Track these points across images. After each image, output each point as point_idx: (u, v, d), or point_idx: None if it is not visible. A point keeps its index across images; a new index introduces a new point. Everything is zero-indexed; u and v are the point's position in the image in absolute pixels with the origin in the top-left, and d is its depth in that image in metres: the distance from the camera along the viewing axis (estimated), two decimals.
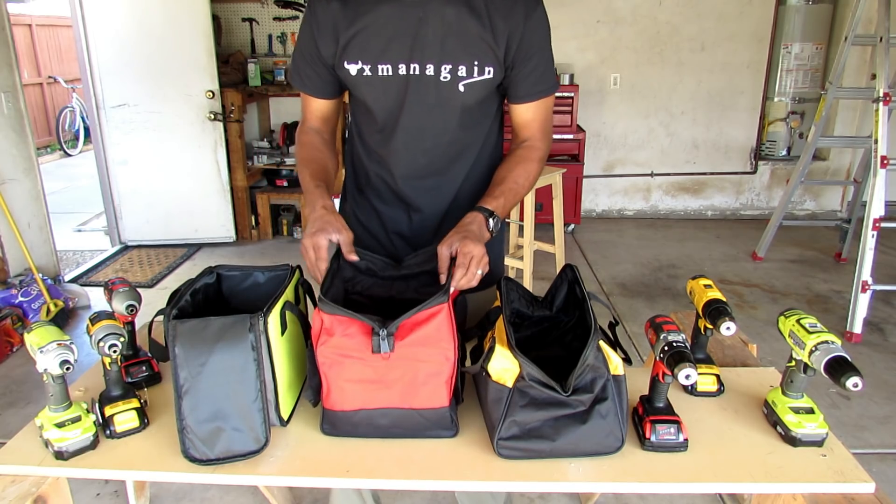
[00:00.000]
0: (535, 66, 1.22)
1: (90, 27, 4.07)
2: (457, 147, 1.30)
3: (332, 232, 1.15)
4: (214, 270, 1.21)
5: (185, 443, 0.99)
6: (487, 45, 1.18)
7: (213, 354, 0.97)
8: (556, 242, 3.53)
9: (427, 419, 1.04)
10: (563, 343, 1.17)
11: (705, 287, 1.23)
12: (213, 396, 0.98)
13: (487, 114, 1.31)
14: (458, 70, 1.19)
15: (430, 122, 1.25)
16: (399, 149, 1.28)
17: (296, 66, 1.31)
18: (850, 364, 0.95)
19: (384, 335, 0.98)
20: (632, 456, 1.02)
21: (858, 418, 2.47)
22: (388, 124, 1.27)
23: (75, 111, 8.49)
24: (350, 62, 1.21)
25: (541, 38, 1.22)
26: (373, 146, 1.33)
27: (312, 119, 1.36)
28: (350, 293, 1.22)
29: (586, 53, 4.89)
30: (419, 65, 1.19)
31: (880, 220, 3.06)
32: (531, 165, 1.29)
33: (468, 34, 1.17)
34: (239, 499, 2.04)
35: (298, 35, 1.29)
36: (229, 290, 1.24)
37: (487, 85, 1.22)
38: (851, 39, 3.58)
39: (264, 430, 1.01)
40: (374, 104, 1.25)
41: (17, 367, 2.91)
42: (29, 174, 3.43)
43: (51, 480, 1.01)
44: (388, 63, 1.19)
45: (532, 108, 1.29)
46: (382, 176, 1.34)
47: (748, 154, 5.12)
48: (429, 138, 1.27)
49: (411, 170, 1.30)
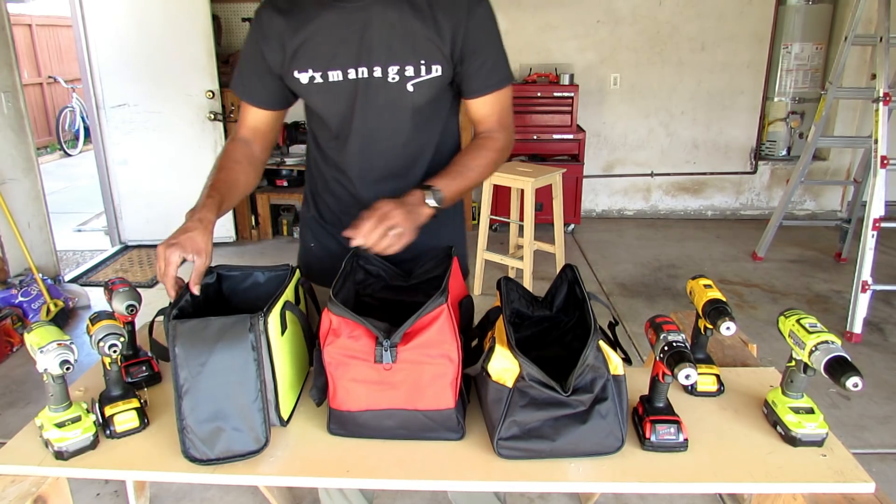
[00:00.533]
0: (483, 60, 1.23)
1: (90, 27, 4.07)
2: (412, 148, 1.30)
3: (190, 251, 1.07)
4: (214, 270, 1.21)
5: (186, 443, 0.99)
6: (433, 43, 1.19)
7: (213, 354, 0.97)
8: (556, 242, 3.53)
9: (433, 421, 1.03)
10: (563, 343, 1.17)
11: (705, 287, 1.23)
12: (213, 396, 0.98)
13: (440, 113, 1.30)
14: (405, 70, 1.20)
15: (383, 125, 1.25)
16: (355, 153, 1.28)
17: (240, 76, 1.30)
18: (850, 364, 0.95)
19: (387, 346, 0.98)
20: (632, 456, 1.02)
21: (858, 418, 2.47)
22: (342, 130, 1.27)
23: (75, 111, 8.49)
24: (300, 71, 1.21)
25: (487, 31, 1.22)
26: (329, 153, 1.33)
27: (246, 129, 1.34)
28: (361, 295, 1.23)
29: (586, 53, 4.89)
30: (367, 68, 1.20)
31: (880, 220, 3.06)
32: (487, 153, 1.27)
33: (413, 34, 1.18)
34: (239, 499, 2.04)
35: (244, 45, 1.28)
36: (230, 289, 1.24)
37: (436, 83, 1.23)
38: (851, 39, 3.58)
39: (264, 430, 1.01)
40: (326, 111, 1.26)
41: (17, 367, 2.91)
42: (29, 174, 3.43)
43: (51, 480, 1.01)
44: (337, 69, 1.20)
45: (488, 103, 1.28)
46: (341, 181, 1.34)
47: (748, 154, 5.12)
48: (382, 140, 1.27)
49: (368, 173, 1.31)
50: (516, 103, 4.87)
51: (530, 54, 4.88)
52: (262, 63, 1.24)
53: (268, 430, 1.01)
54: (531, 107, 4.63)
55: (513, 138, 1.34)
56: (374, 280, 1.24)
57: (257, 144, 1.35)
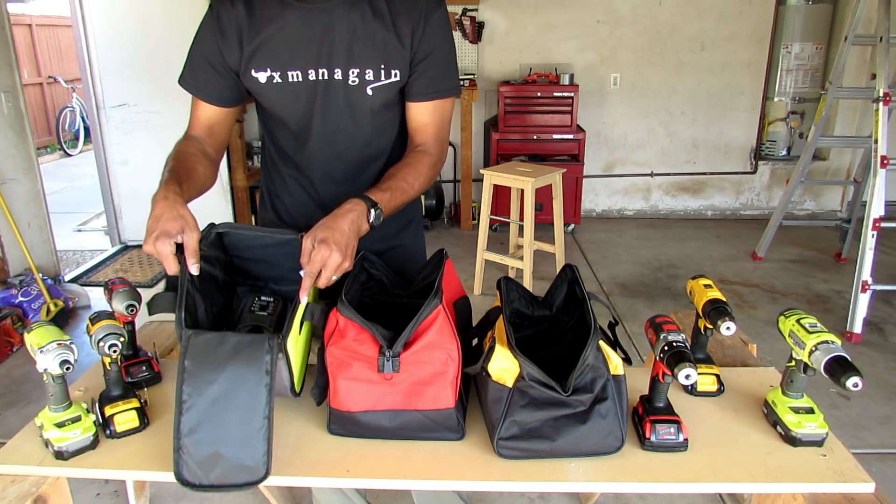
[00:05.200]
0: (430, 65, 1.22)
1: (90, 27, 4.07)
2: (370, 150, 1.30)
3: (176, 232, 1.00)
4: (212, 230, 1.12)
5: (179, 464, 0.94)
6: (393, 47, 1.19)
7: (223, 372, 0.93)
8: (556, 242, 3.53)
9: (433, 421, 1.03)
10: (563, 343, 1.17)
11: (705, 287, 1.23)
12: (216, 417, 0.93)
13: (395, 117, 1.31)
14: (365, 74, 1.20)
15: (342, 126, 1.25)
16: (315, 154, 1.28)
17: (192, 70, 1.25)
18: (850, 364, 0.95)
19: (389, 356, 0.98)
20: (632, 456, 1.02)
21: (858, 418, 2.47)
22: (301, 130, 1.27)
23: (75, 111, 8.49)
24: (258, 70, 1.20)
25: (440, 38, 1.22)
26: (289, 153, 1.32)
27: (198, 127, 1.28)
28: (362, 296, 1.23)
29: (586, 53, 4.89)
30: (327, 70, 1.20)
31: (880, 219, 3.06)
32: (422, 169, 1.25)
33: (374, 38, 1.18)
34: (239, 498, 2.04)
35: (197, 37, 1.24)
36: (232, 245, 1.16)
37: (394, 87, 1.23)
38: (851, 39, 3.58)
39: (265, 461, 0.95)
40: (285, 111, 1.25)
41: (17, 367, 2.91)
42: (29, 174, 3.43)
43: (51, 480, 1.00)
44: (297, 69, 1.19)
45: (429, 110, 1.27)
46: (300, 182, 1.34)
47: (748, 154, 5.12)
48: (342, 142, 1.27)
49: (328, 174, 1.31)
50: (516, 103, 4.89)
51: (530, 54, 4.88)
52: (217, 58, 1.21)
53: (269, 462, 0.96)
54: (531, 107, 4.62)
55: (445, 155, 1.33)
56: (374, 283, 1.24)
57: (210, 144, 1.28)
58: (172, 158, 1.20)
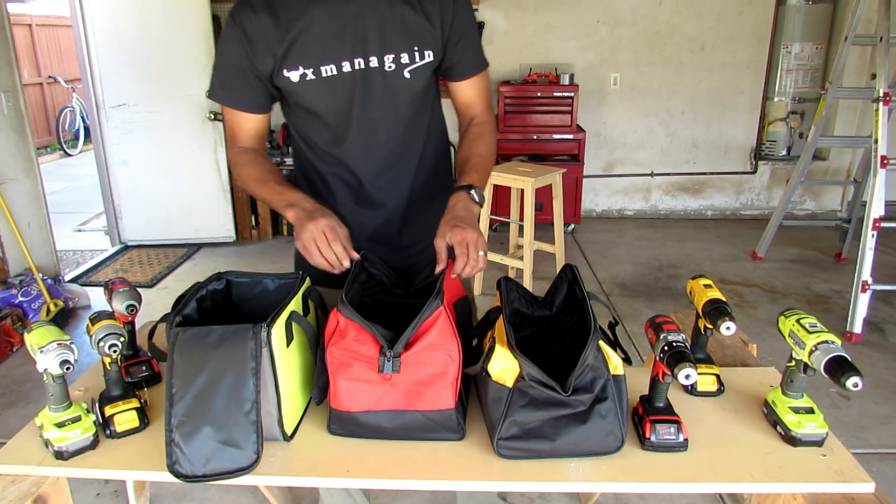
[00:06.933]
0: (468, 43, 1.29)
1: (90, 27, 4.07)
2: (410, 135, 1.32)
3: (336, 224, 1.13)
4: (224, 277, 1.18)
5: (172, 456, 0.94)
6: (424, 29, 1.22)
7: (209, 361, 0.95)
8: (556, 242, 3.53)
9: (433, 421, 1.03)
10: (563, 343, 1.17)
11: (705, 287, 1.23)
12: (205, 406, 0.94)
13: (430, 97, 1.34)
14: (401, 58, 1.21)
15: (383, 114, 1.26)
16: (357, 147, 1.28)
17: (221, 83, 1.24)
18: (850, 364, 0.95)
19: (390, 356, 0.98)
20: (632, 456, 1.02)
21: (858, 418, 2.47)
22: (340, 123, 1.26)
23: (75, 111, 8.49)
24: (290, 69, 1.19)
25: (471, 17, 1.30)
26: (326, 149, 1.31)
27: (245, 139, 1.29)
28: (363, 297, 1.23)
29: (586, 53, 4.89)
30: (363, 59, 1.20)
31: (880, 219, 3.06)
32: (489, 138, 1.35)
33: (404, 22, 1.20)
34: (239, 499, 2.04)
35: (221, 49, 1.23)
36: (239, 296, 1.20)
37: (429, 68, 1.26)
38: (851, 39, 3.58)
39: (257, 446, 0.97)
40: (322, 106, 1.24)
41: (17, 367, 2.91)
42: (29, 174, 3.43)
43: (51, 480, 1.01)
44: (330, 63, 1.19)
45: (474, 85, 1.35)
46: (343, 177, 1.33)
47: (748, 154, 5.12)
48: (383, 130, 1.28)
49: (373, 165, 1.30)
50: (516, 103, 4.89)
51: (530, 54, 4.88)
52: (248, 67, 1.20)
53: (260, 446, 0.97)
54: (531, 107, 4.63)
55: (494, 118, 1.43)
56: (374, 283, 1.24)
57: (262, 150, 1.33)
58: (265, 174, 1.26)
